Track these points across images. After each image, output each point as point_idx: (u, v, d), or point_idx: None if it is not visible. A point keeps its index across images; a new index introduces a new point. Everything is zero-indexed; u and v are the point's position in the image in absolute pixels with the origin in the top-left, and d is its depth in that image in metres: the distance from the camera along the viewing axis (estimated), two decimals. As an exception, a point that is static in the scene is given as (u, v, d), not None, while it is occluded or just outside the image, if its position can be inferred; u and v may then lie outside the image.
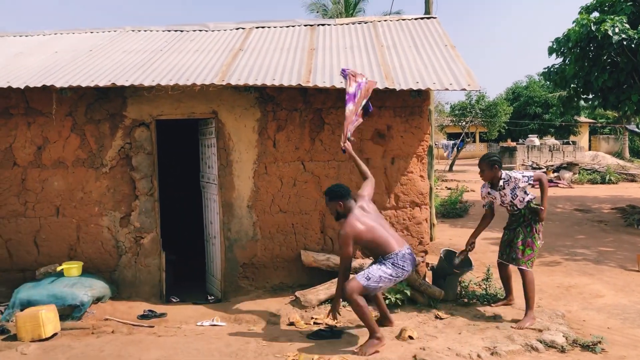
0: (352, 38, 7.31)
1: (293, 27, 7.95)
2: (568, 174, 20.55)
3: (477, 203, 13.58)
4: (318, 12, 26.36)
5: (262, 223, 6.29)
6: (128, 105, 6.24)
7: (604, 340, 4.65)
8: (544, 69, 12.85)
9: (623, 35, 10.30)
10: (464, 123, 30.62)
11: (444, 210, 13.01)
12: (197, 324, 5.52)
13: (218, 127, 6.27)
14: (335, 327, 5.21)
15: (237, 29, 7.92)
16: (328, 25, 7.99)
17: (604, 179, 20.07)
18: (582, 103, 13.81)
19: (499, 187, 5.43)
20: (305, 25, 8.00)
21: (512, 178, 5.33)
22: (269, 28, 7.91)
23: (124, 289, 6.26)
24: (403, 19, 8.10)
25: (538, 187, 5.40)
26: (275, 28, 7.91)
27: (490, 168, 5.41)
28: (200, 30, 7.97)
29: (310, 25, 8.00)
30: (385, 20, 8.07)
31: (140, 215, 6.27)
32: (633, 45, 10.39)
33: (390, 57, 6.47)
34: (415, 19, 8.02)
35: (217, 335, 5.12)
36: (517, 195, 5.37)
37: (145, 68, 6.15)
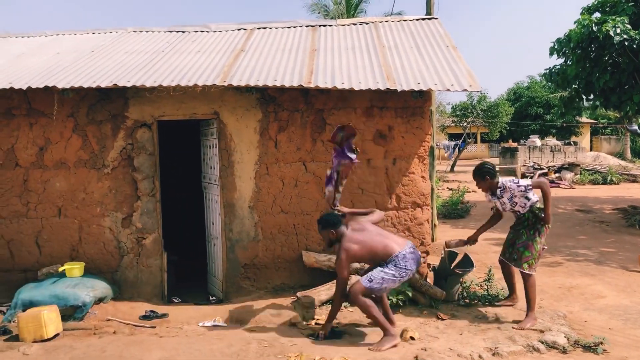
0: (353, 39, 7.31)
1: (294, 27, 7.96)
2: (569, 175, 20.53)
3: (478, 204, 13.59)
4: (319, 12, 26.31)
5: (263, 224, 6.29)
6: (130, 106, 6.25)
7: (606, 341, 4.65)
8: (546, 70, 12.86)
9: (624, 36, 10.30)
10: (466, 124, 30.62)
11: (446, 211, 13.01)
12: (198, 325, 5.53)
13: (220, 127, 6.28)
14: (337, 327, 5.21)
15: (238, 30, 7.93)
16: (329, 26, 8.00)
17: (606, 180, 20.05)
18: (583, 103, 13.80)
19: (497, 195, 5.47)
20: (307, 26, 8.00)
21: (506, 188, 5.36)
22: (271, 29, 7.92)
23: (126, 290, 6.27)
24: (404, 20, 8.11)
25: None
26: (277, 29, 7.91)
27: (482, 179, 5.45)
28: (202, 31, 7.98)
29: (312, 26, 8.01)
30: (387, 21, 8.08)
31: (142, 216, 6.27)
32: (634, 46, 10.40)
33: (392, 57, 6.48)
34: (417, 20, 8.02)
35: (218, 336, 5.13)
36: (516, 203, 5.38)
37: (147, 69, 6.16)
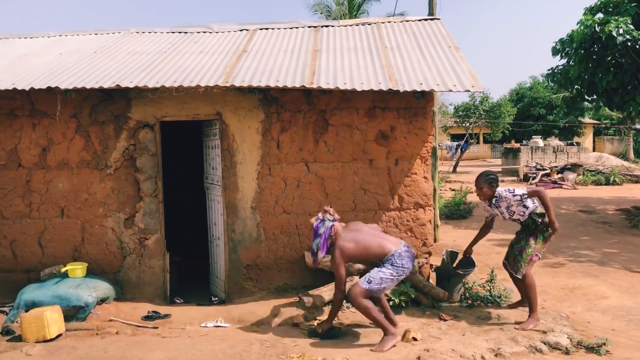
0: (355, 39, 7.31)
1: (297, 28, 7.96)
2: (572, 175, 20.50)
3: (480, 204, 13.54)
4: (322, 13, 26.33)
5: (265, 224, 6.30)
6: (132, 107, 6.26)
7: (609, 342, 4.64)
8: (548, 70, 12.85)
9: (627, 36, 10.29)
10: (468, 124, 30.60)
11: (448, 212, 13.01)
12: (201, 325, 5.53)
13: (222, 128, 6.28)
14: (337, 327, 5.21)
15: (241, 31, 7.93)
16: (332, 27, 8.00)
17: (608, 180, 20.02)
18: (586, 104, 13.78)
19: (494, 204, 5.46)
20: (309, 27, 8.00)
21: (502, 197, 5.35)
22: (273, 29, 7.92)
23: (128, 290, 6.27)
24: (407, 20, 8.10)
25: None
26: (279, 29, 7.91)
27: (489, 186, 5.41)
28: (204, 32, 7.98)
29: (314, 27, 8.00)
30: (389, 22, 8.07)
31: (145, 217, 6.28)
32: (637, 46, 10.38)
33: (394, 58, 6.47)
34: (419, 20, 8.01)
35: (221, 337, 5.13)
36: (514, 212, 5.38)
37: (150, 70, 6.17)
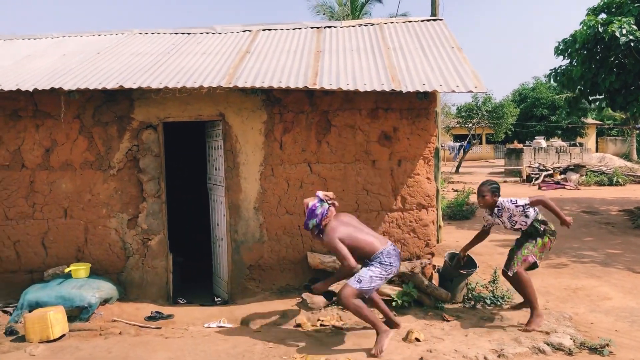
0: (358, 40, 7.31)
1: (299, 29, 7.96)
2: (575, 176, 20.46)
3: (483, 205, 13.55)
4: (324, 14, 26.35)
5: (268, 225, 6.30)
6: (135, 108, 6.27)
7: (612, 343, 4.63)
8: (551, 70, 12.82)
9: (631, 37, 10.27)
10: (471, 125, 30.57)
11: (451, 212, 13.00)
12: (204, 326, 5.54)
13: (225, 129, 6.29)
14: (333, 291, 5.27)
15: (243, 32, 7.94)
16: (334, 28, 8.00)
17: (611, 181, 19.97)
18: (589, 104, 13.76)
19: (495, 214, 5.46)
20: (312, 28, 8.00)
21: (505, 208, 5.36)
22: (276, 30, 7.92)
23: (131, 291, 6.28)
24: (409, 21, 8.10)
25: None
26: (282, 30, 7.92)
27: (492, 195, 5.40)
28: (207, 33, 7.99)
29: (317, 28, 8.01)
30: (392, 23, 8.07)
31: (148, 217, 6.29)
32: (641, 47, 10.36)
33: (397, 59, 6.47)
34: (422, 21, 8.01)
35: (224, 337, 5.14)
36: (516, 222, 5.39)
37: (153, 70, 6.18)
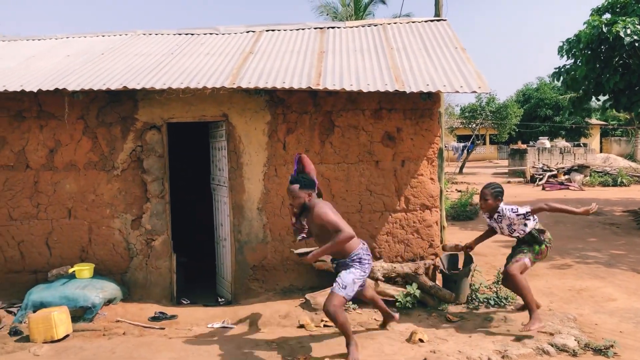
0: (362, 41, 7.31)
1: (303, 30, 7.97)
2: (579, 177, 20.42)
3: (487, 205, 13.53)
4: (328, 15, 26.35)
5: (272, 225, 6.30)
6: (139, 108, 6.28)
7: (617, 344, 4.62)
8: (555, 69, 12.78)
9: (635, 37, 10.23)
10: (474, 125, 30.55)
11: (454, 213, 12.98)
12: (207, 326, 5.54)
13: (228, 129, 6.30)
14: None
15: (247, 32, 7.95)
16: (338, 28, 8.00)
17: (616, 182, 19.92)
18: (593, 105, 13.73)
19: (494, 219, 5.38)
20: (315, 28, 8.01)
21: (505, 216, 5.26)
22: (279, 31, 7.93)
23: (135, 291, 6.29)
24: (413, 22, 8.10)
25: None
26: (285, 31, 7.93)
27: (495, 198, 5.28)
28: (211, 34, 8.00)
29: (320, 28, 8.01)
30: (395, 23, 8.07)
31: (152, 218, 6.30)
32: (645, 47, 10.33)
33: (400, 59, 6.47)
34: (425, 22, 8.01)
35: (227, 338, 5.15)
36: (514, 230, 5.32)
37: (157, 71, 6.19)
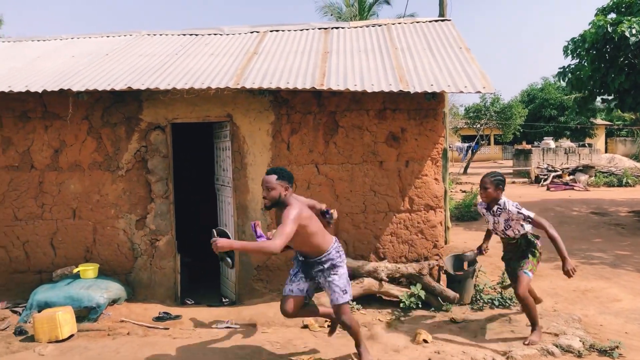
0: (366, 41, 7.30)
1: (307, 30, 7.97)
2: (584, 177, 20.35)
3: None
4: (332, 15, 26.36)
5: (276, 226, 6.29)
6: (144, 109, 6.29)
7: (622, 345, 4.60)
8: (560, 69, 12.75)
9: (640, 37, 10.20)
10: (479, 125, 30.46)
11: (459, 213, 12.96)
12: (211, 327, 5.54)
13: (233, 130, 6.30)
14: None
15: (251, 33, 7.95)
16: (342, 29, 8.00)
17: (621, 182, 19.85)
18: (598, 105, 13.69)
19: (493, 211, 5.04)
20: (319, 29, 8.01)
21: (507, 209, 4.90)
22: (283, 31, 7.94)
23: (140, 291, 6.30)
24: (417, 22, 8.09)
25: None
26: (290, 31, 7.93)
27: (495, 187, 4.93)
28: (215, 34, 8.01)
29: (324, 29, 8.01)
30: (400, 23, 8.06)
31: (156, 218, 6.31)
32: (651, 47, 10.29)
33: (405, 59, 6.46)
34: (430, 22, 8.00)
35: (231, 338, 5.15)
36: (510, 227, 4.98)
37: (161, 72, 6.20)
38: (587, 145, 29.16)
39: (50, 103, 6.24)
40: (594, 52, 11.23)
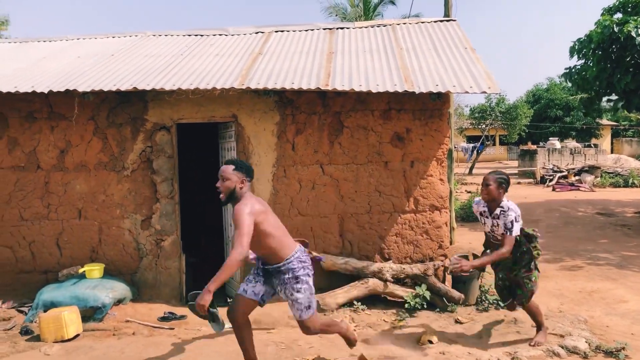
0: (371, 41, 7.30)
1: (312, 30, 7.97)
2: (590, 177, 20.29)
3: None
4: (337, 15, 26.36)
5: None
6: (149, 109, 6.31)
7: (628, 347, 4.57)
8: (565, 69, 12.71)
9: (647, 37, 10.16)
10: (484, 126, 30.42)
11: (464, 214, 12.92)
12: (216, 327, 5.54)
13: (238, 130, 6.31)
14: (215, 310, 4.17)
15: (256, 33, 7.96)
16: (347, 29, 8.00)
17: (627, 183, 19.78)
18: (604, 105, 13.64)
19: (495, 214, 4.66)
20: (324, 29, 8.01)
21: (507, 214, 4.53)
22: (288, 32, 7.94)
23: (145, 291, 6.31)
24: (422, 22, 8.08)
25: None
26: (294, 32, 7.94)
27: (498, 186, 4.59)
28: (220, 35, 8.03)
29: (329, 29, 8.01)
30: (405, 24, 8.05)
31: (161, 218, 6.32)
32: (657, 47, 10.24)
33: (410, 60, 6.45)
34: (435, 22, 7.99)
35: (235, 338, 5.14)
36: (512, 230, 4.54)
37: (167, 72, 6.21)
38: (592, 146, 29.08)
39: (56, 103, 6.26)
40: (600, 52, 11.19)
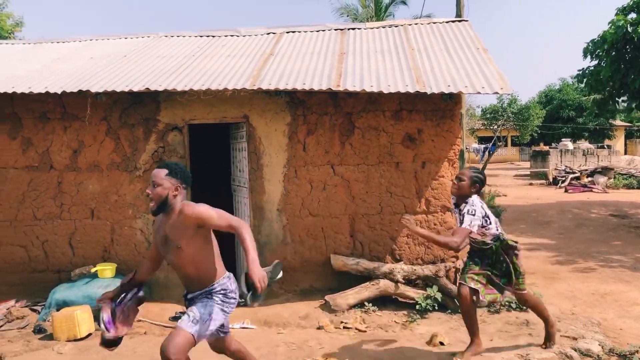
0: (382, 42, 7.29)
1: (323, 31, 7.97)
2: (603, 179, 20.11)
3: (509, 208, 13.40)
4: (348, 16, 26.32)
5: (292, 227, 6.31)
6: (161, 110, 6.34)
7: (642, 350, 4.53)
8: (579, 71, 12.64)
9: (661, 37, 10.07)
10: (496, 127, 30.22)
11: (475, 215, 12.84)
12: (227, 327, 5.56)
13: (249, 131, 6.32)
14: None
15: (267, 34, 7.97)
16: (358, 29, 7.99)
17: (641, 184, 19.60)
18: (617, 106, 13.53)
19: (460, 209, 4.43)
20: (336, 30, 8.01)
21: (470, 207, 4.35)
22: (300, 33, 7.95)
23: (157, 291, 6.34)
24: (434, 22, 8.05)
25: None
26: (306, 32, 7.94)
27: (471, 183, 4.41)
28: (232, 36, 8.05)
29: (341, 30, 8.01)
30: (416, 24, 8.03)
31: (172, 218, 6.34)
32: (672, 47, 10.15)
33: (421, 60, 6.43)
34: (447, 22, 7.96)
35: (247, 338, 5.14)
36: (463, 222, 4.35)
37: (179, 73, 6.24)
38: (605, 147, 28.84)
39: (69, 104, 6.31)
40: (614, 52, 11.11)
